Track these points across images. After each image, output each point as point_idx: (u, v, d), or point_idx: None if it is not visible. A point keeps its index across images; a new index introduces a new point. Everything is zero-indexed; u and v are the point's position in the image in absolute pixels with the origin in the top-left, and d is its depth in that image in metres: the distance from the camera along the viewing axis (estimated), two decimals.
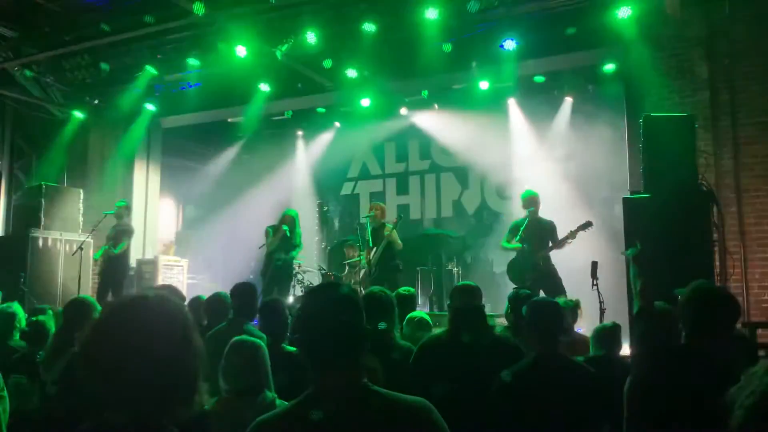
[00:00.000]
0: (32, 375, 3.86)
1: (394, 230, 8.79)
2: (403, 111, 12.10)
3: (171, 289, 4.51)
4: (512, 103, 11.36)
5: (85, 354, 1.43)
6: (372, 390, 1.75)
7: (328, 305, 1.78)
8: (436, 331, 3.94)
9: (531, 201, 8.13)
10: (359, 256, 9.46)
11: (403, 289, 5.68)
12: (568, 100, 10.89)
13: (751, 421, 1.03)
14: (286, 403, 3.09)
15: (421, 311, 4.93)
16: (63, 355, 3.83)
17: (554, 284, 7.59)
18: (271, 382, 3.21)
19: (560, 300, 4.77)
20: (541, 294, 6.90)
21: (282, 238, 9.09)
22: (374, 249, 8.84)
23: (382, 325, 3.66)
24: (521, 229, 7.97)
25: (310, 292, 1.89)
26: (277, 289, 8.86)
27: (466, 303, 3.65)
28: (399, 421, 1.69)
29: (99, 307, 4.26)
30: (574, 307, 5.31)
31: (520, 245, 7.94)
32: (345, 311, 1.77)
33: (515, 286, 7.75)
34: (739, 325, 6.23)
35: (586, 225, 7.69)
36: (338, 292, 1.83)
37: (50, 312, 6.25)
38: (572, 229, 7.71)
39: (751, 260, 7.10)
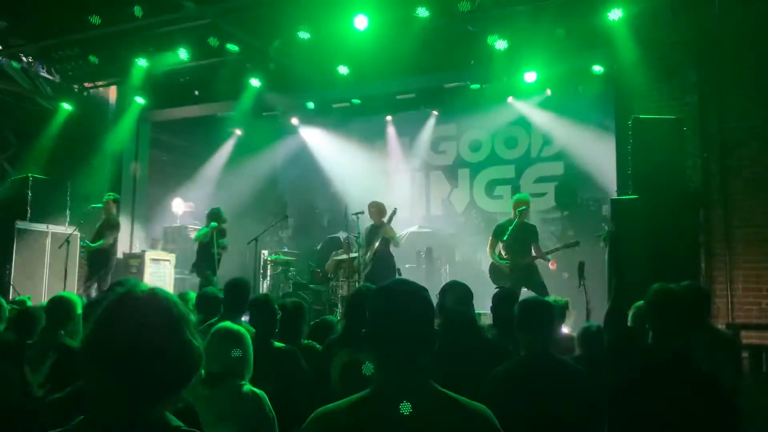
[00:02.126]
0: (18, 365, 3.84)
1: (390, 226, 8.77)
2: (388, 113, 12.16)
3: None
4: (501, 103, 11.39)
5: (87, 350, 1.47)
6: (438, 390, 1.76)
7: (404, 304, 1.78)
8: None
9: (520, 203, 8.08)
10: (351, 253, 9.46)
11: None
12: (557, 100, 10.94)
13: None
14: (259, 391, 3.11)
15: None
16: (48, 354, 3.83)
17: (537, 289, 7.47)
18: (248, 369, 3.22)
19: (548, 299, 4.80)
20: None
21: (219, 231, 9.34)
22: (369, 247, 8.83)
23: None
24: (508, 231, 7.94)
25: (385, 289, 1.86)
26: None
27: (457, 303, 3.66)
28: (465, 423, 1.71)
29: (80, 304, 4.24)
30: (563, 307, 5.33)
31: (506, 261, 7.89)
32: (420, 310, 1.78)
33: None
34: (724, 326, 6.32)
35: (574, 244, 7.73)
36: (413, 291, 1.82)
37: (29, 303, 6.22)
38: (558, 246, 7.73)
39: (737, 262, 7.17)
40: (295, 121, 12.96)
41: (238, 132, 13.00)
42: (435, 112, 12.16)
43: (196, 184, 13.13)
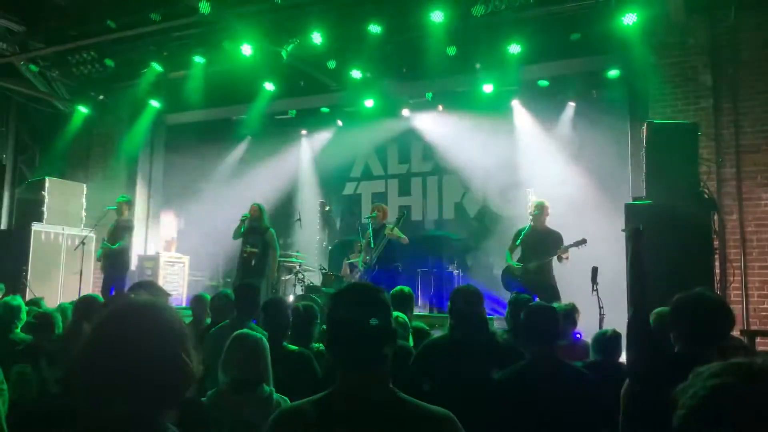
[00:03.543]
0: (36, 366, 3.89)
1: (396, 228, 8.78)
2: (405, 113, 12.13)
3: (153, 286, 4.50)
4: (516, 107, 11.36)
5: (82, 359, 1.47)
6: (398, 396, 1.76)
7: (360, 306, 1.78)
8: (436, 333, 3.96)
9: (536, 209, 8.11)
10: (359, 256, 9.49)
11: (398, 288, 5.71)
12: (571, 105, 10.91)
13: (690, 423, 1.04)
14: (284, 397, 3.14)
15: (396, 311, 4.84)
16: (69, 350, 3.87)
17: (548, 293, 7.39)
18: (271, 376, 3.25)
19: (554, 305, 4.77)
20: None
21: (248, 229, 9.04)
22: (374, 250, 8.85)
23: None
24: (521, 235, 8.03)
25: (342, 292, 1.88)
26: (243, 278, 8.64)
27: (468, 307, 3.66)
28: (425, 427, 1.70)
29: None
30: (571, 311, 5.29)
31: (519, 264, 7.97)
32: (376, 313, 1.77)
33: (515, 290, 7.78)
34: (737, 334, 6.26)
35: (580, 242, 7.69)
36: (371, 293, 1.83)
37: (43, 303, 6.29)
38: (565, 245, 7.72)
39: (751, 268, 7.12)
40: (304, 132, 13.06)
41: (251, 135, 13.05)
42: (440, 107, 12.08)
43: (211, 187, 13.20)
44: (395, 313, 4.70)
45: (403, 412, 1.72)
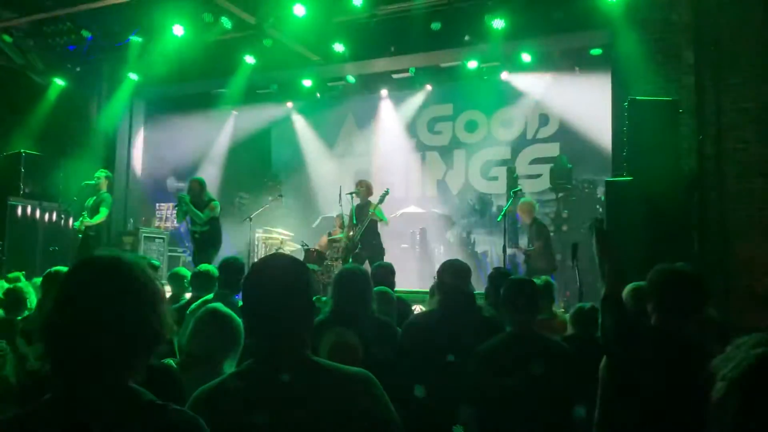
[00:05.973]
0: (11, 342, 3.85)
1: (379, 207, 8.78)
2: (384, 92, 12.13)
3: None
4: (498, 83, 11.34)
5: (47, 322, 1.40)
6: (313, 362, 1.77)
7: (274, 278, 1.79)
8: (422, 308, 3.95)
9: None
10: (341, 232, 9.47)
11: (380, 264, 5.69)
12: (554, 81, 10.90)
13: (733, 395, 1.03)
14: None
15: (384, 286, 4.80)
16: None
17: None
18: (235, 357, 3.05)
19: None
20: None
21: (189, 206, 8.53)
22: (357, 226, 8.85)
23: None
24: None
25: (258, 264, 1.88)
26: (198, 258, 8.39)
27: (456, 282, 3.66)
28: (339, 392, 1.71)
29: None
30: (547, 285, 5.28)
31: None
32: (291, 284, 1.78)
33: (495, 266, 7.91)
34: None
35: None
36: (285, 265, 1.83)
37: (23, 278, 6.21)
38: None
39: (730, 245, 7.19)
40: (290, 104, 12.93)
41: (235, 112, 12.92)
42: (429, 86, 12.07)
43: (191, 162, 13.06)
44: (382, 288, 4.70)
45: (320, 376, 1.74)
